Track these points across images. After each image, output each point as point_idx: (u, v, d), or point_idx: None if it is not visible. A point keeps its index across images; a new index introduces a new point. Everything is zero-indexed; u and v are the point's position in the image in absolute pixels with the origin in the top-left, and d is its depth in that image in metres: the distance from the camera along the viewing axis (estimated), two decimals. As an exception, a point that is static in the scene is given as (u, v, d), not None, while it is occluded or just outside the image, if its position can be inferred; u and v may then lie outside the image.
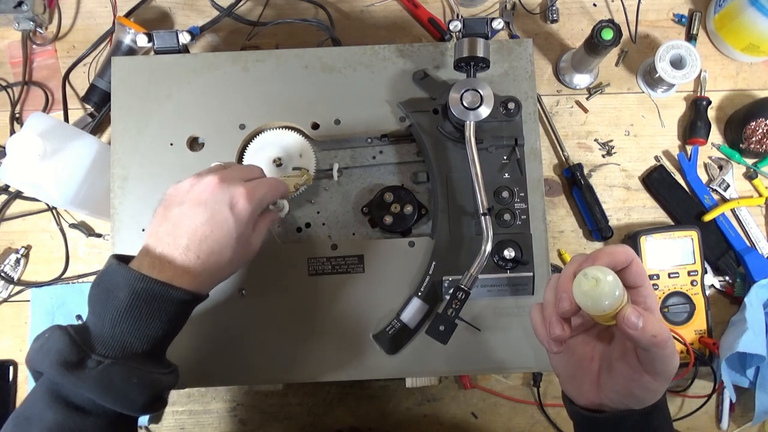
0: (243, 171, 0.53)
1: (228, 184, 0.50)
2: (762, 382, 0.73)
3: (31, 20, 0.81)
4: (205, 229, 0.48)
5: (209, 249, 0.48)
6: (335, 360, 0.61)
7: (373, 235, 0.65)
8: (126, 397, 0.45)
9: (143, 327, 0.46)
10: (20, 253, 0.79)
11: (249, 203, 0.50)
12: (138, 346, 0.46)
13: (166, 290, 0.46)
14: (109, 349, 0.45)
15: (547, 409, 0.77)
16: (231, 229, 0.49)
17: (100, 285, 0.48)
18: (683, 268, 0.76)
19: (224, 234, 0.49)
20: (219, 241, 0.48)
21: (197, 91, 0.65)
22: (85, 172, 0.68)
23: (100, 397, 0.44)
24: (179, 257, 0.47)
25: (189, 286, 0.48)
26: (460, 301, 0.56)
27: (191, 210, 0.48)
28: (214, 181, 0.49)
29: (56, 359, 0.44)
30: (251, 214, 0.50)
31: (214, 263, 0.49)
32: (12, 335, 0.78)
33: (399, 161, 0.66)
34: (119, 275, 0.46)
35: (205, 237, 0.48)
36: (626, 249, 0.44)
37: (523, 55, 0.66)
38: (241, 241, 0.50)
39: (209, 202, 0.49)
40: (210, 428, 0.78)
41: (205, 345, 0.61)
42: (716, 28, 0.83)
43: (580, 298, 0.41)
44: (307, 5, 0.83)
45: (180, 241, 0.48)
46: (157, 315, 0.46)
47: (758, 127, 0.78)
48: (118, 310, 0.45)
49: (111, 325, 0.45)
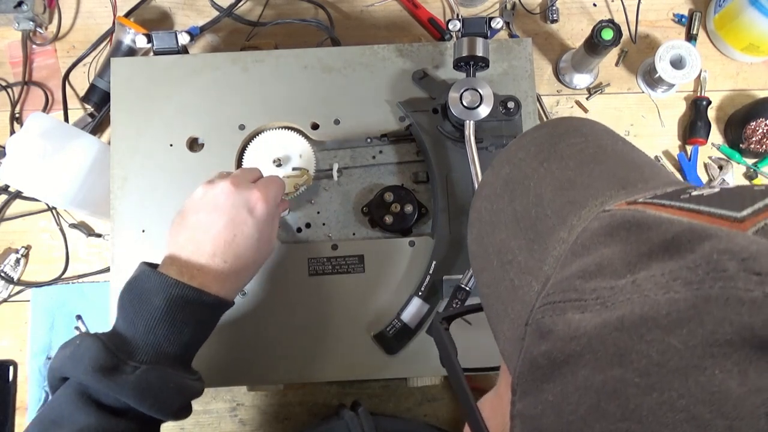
0: (250, 173, 0.54)
1: (242, 188, 0.50)
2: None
3: (31, 20, 0.81)
4: (227, 234, 0.48)
5: (235, 253, 0.49)
6: (335, 360, 0.61)
7: (373, 235, 0.65)
8: (163, 401, 0.45)
9: (177, 333, 0.47)
10: (20, 253, 0.79)
11: (266, 204, 0.51)
12: (171, 351, 0.47)
13: (200, 296, 0.47)
14: (144, 355, 0.45)
15: (547, 409, 0.77)
16: (253, 231, 0.49)
17: (132, 291, 0.47)
18: (683, 267, 0.76)
19: (247, 237, 0.49)
20: (242, 244, 0.49)
21: (197, 91, 0.65)
22: (85, 172, 0.68)
23: (137, 401, 0.44)
24: (207, 263, 0.48)
25: (219, 292, 0.48)
26: (461, 301, 0.56)
27: (209, 216, 0.49)
28: (227, 186, 0.50)
29: (91, 365, 0.43)
30: (270, 214, 0.51)
31: (242, 266, 0.50)
32: (12, 335, 0.78)
33: (399, 161, 0.66)
34: (153, 281, 0.47)
35: (228, 242, 0.48)
36: None
37: (523, 55, 0.66)
38: (262, 240, 0.51)
39: (226, 207, 0.49)
40: (210, 428, 0.77)
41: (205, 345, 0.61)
42: (716, 28, 0.83)
43: None
44: (307, 5, 0.83)
45: (204, 248, 0.48)
46: (190, 321, 0.47)
47: (758, 127, 0.78)
48: (153, 316, 0.46)
49: (145, 331, 0.46)
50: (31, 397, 0.76)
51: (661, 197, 0.24)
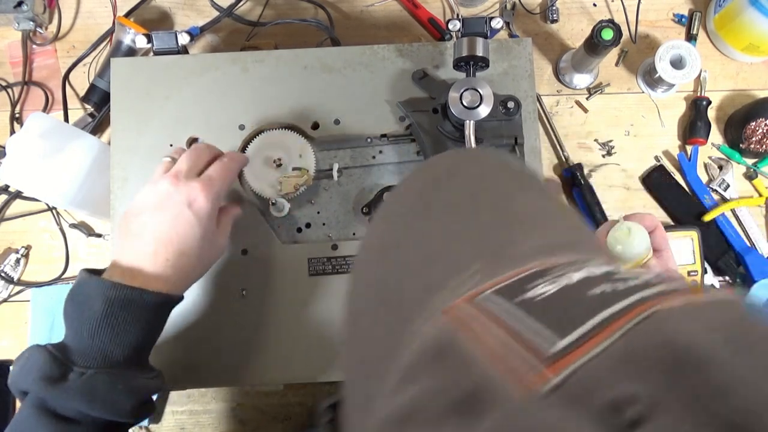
0: (193, 158, 0.53)
1: (182, 184, 0.50)
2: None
3: (31, 20, 0.81)
4: (170, 232, 0.49)
5: (177, 251, 0.49)
6: (335, 360, 0.61)
7: (373, 235, 0.65)
8: (113, 403, 0.46)
9: (121, 334, 0.47)
10: (20, 253, 0.79)
11: (206, 198, 0.50)
12: (119, 353, 0.47)
13: (140, 295, 0.47)
14: (90, 360, 0.46)
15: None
16: (195, 227, 0.50)
17: (73, 299, 0.48)
18: (683, 268, 0.76)
19: (189, 233, 0.49)
20: (185, 241, 0.49)
21: (197, 91, 0.65)
22: (85, 172, 0.68)
23: (87, 406, 0.45)
24: (148, 264, 0.48)
25: (162, 289, 0.48)
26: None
27: (152, 217, 0.49)
28: (166, 184, 0.50)
29: (38, 375, 0.44)
30: (211, 209, 0.51)
31: (186, 264, 0.50)
32: (12, 335, 0.78)
33: (399, 161, 0.66)
34: (91, 286, 0.47)
35: (170, 240, 0.49)
36: (653, 216, 0.52)
37: (523, 54, 0.66)
38: (206, 237, 0.51)
39: (167, 206, 0.49)
40: (210, 428, 0.77)
41: (205, 345, 0.61)
42: (716, 28, 0.83)
43: (613, 242, 0.47)
44: (307, 5, 0.83)
45: (147, 249, 0.48)
46: (133, 321, 0.47)
47: (758, 127, 0.78)
48: (94, 320, 0.46)
49: (89, 336, 0.46)
50: (31, 397, 0.76)
51: (501, 291, 0.22)
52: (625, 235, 0.47)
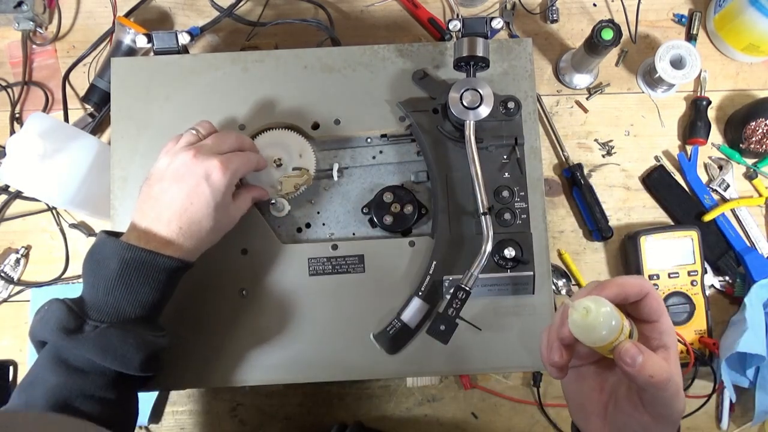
0: (218, 142, 0.55)
1: (203, 158, 0.52)
2: (762, 382, 0.73)
3: (31, 20, 0.81)
4: (184, 201, 0.51)
5: (189, 219, 0.52)
6: (335, 360, 0.61)
7: (373, 235, 0.65)
8: (124, 356, 0.49)
9: (135, 293, 0.50)
10: (20, 253, 0.79)
11: (223, 174, 0.53)
12: (131, 311, 0.50)
13: (154, 258, 0.50)
14: (104, 315, 0.50)
15: (547, 409, 0.77)
16: (209, 199, 0.52)
17: (92, 257, 0.51)
18: (683, 268, 0.76)
19: (203, 204, 0.52)
20: (198, 211, 0.52)
21: (197, 91, 0.65)
22: (85, 172, 0.68)
23: (99, 357, 0.48)
24: (163, 230, 0.51)
25: (174, 254, 0.51)
26: (461, 301, 0.56)
27: (170, 185, 0.52)
28: (188, 156, 0.52)
29: (56, 326, 0.48)
30: (227, 185, 0.53)
31: (196, 232, 0.52)
32: (12, 335, 0.78)
33: (399, 161, 0.66)
34: (109, 247, 0.51)
35: (185, 209, 0.51)
36: (641, 281, 0.42)
37: (523, 55, 0.66)
38: (219, 210, 0.53)
39: (186, 176, 0.52)
40: (210, 428, 0.77)
41: (205, 345, 0.61)
42: (716, 28, 0.83)
43: (572, 327, 0.40)
44: (307, 5, 0.83)
45: (163, 215, 0.51)
46: (146, 282, 0.50)
47: (758, 127, 0.78)
48: (109, 278, 0.50)
49: (105, 293, 0.50)
50: (31, 397, 0.76)
51: None
52: (581, 317, 0.39)
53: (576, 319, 0.40)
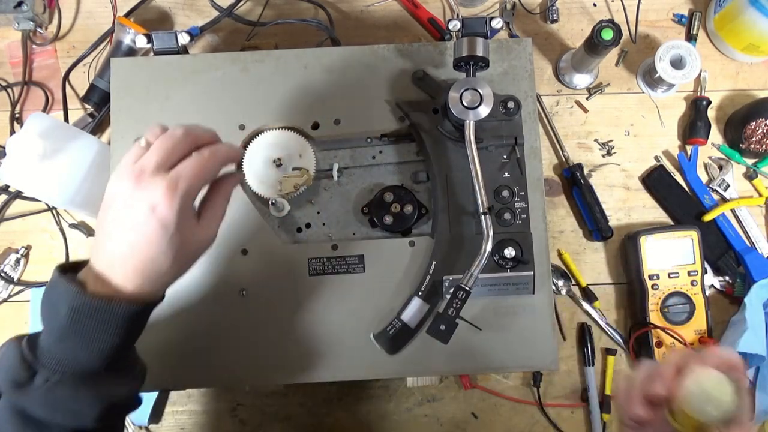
0: (164, 152, 0.46)
1: (145, 185, 0.44)
2: (762, 382, 0.73)
3: (31, 20, 0.81)
4: (136, 238, 0.44)
5: (143, 260, 0.44)
6: (335, 360, 0.61)
7: (373, 235, 0.65)
8: (76, 412, 0.44)
9: (90, 342, 0.44)
10: (20, 253, 0.79)
11: (171, 202, 0.43)
12: (87, 359, 0.44)
13: (107, 305, 0.43)
14: (57, 364, 0.44)
15: (547, 409, 0.77)
16: (159, 235, 0.44)
17: (46, 298, 0.46)
18: (683, 268, 0.76)
19: (154, 243, 0.44)
20: (151, 250, 0.44)
21: (197, 91, 0.65)
22: (85, 172, 0.68)
23: (49, 414, 0.43)
24: (117, 273, 0.44)
25: (134, 296, 0.45)
26: (461, 301, 0.56)
27: (117, 221, 0.45)
28: (129, 185, 0.44)
29: (8, 377, 0.43)
30: (179, 211, 0.44)
31: (154, 272, 0.45)
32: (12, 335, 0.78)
33: (399, 161, 0.66)
34: (59, 291, 0.44)
35: (138, 246, 0.44)
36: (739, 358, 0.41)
37: (523, 54, 0.66)
38: (177, 242, 0.45)
39: (130, 212, 0.44)
40: (210, 428, 0.77)
41: (205, 345, 0.61)
42: (716, 28, 0.83)
43: (693, 391, 0.38)
44: (307, 5, 0.83)
45: (117, 251, 0.45)
46: (102, 330, 0.44)
47: (758, 127, 0.78)
48: (62, 326, 0.43)
49: (58, 340, 0.44)
50: (31, 397, 0.76)
51: None
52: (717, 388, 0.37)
53: (709, 388, 0.38)
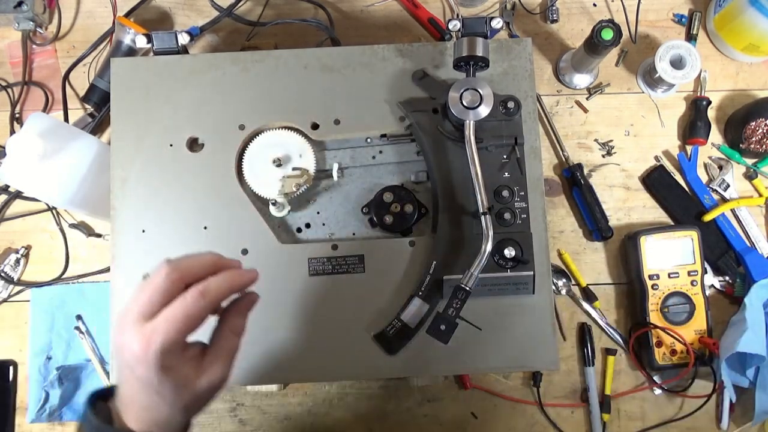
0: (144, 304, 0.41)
1: (126, 334, 0.40)
2: (762, 382, 0.73)
3: (31, 20, 0.81)
4: (126, 391, 0.44)
5: (140, 408, 0.43)
6: (335, 360, 0.61)
7: (373, 235, 0.65)
8: None
9: None
10: (20, 253, 0.79)
11: (145, 360, 0.40)
12: None
13: None
14: None
15: (547, 409, 0.77)
16: (144, 389, 0.42)
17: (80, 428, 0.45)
18: (683, 268, 0.76)
19: (143, 392, 0.42)
20: (143, 399, 0.43)
21: (197, 91, 0.65)
22: (85, 172, 0.68)
23: None
24: (128, 417, 0.43)
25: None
26: (461, 301, 0.56)
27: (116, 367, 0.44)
28: (116, 335, 0.42)
29: None
30: (157, 368, 0.40)
31: (156, 417, 0.44)
32: (12, 335, 0.78)
33: (399, 161, 0.66)
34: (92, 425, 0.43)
35: (131, 399, 0.43)
36: None
37: (523, 54, 0.66)
38: (169, 388, 0.42)
39: (119, 362, 0.43)
40: (210, 428, 0.77)
41: (205, 345, 0.61)
42: (716, 28, 0.83)
43: None
44: (307, 5, 0.83)
45: (122, 398, 0.44)
46: None
47: (758, 127, 0.78)
48: None
49: None
50: (31, 397, 0.76)
51: None
52: None
53: None
